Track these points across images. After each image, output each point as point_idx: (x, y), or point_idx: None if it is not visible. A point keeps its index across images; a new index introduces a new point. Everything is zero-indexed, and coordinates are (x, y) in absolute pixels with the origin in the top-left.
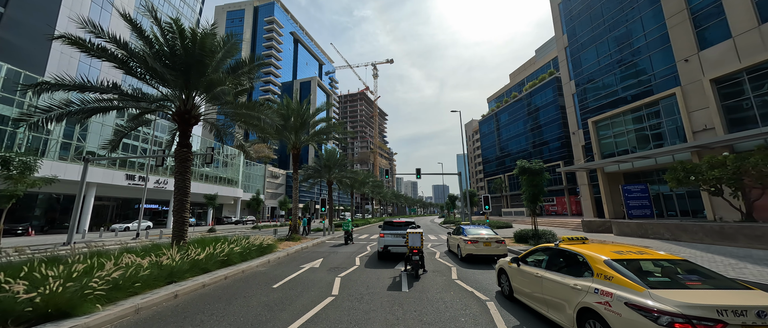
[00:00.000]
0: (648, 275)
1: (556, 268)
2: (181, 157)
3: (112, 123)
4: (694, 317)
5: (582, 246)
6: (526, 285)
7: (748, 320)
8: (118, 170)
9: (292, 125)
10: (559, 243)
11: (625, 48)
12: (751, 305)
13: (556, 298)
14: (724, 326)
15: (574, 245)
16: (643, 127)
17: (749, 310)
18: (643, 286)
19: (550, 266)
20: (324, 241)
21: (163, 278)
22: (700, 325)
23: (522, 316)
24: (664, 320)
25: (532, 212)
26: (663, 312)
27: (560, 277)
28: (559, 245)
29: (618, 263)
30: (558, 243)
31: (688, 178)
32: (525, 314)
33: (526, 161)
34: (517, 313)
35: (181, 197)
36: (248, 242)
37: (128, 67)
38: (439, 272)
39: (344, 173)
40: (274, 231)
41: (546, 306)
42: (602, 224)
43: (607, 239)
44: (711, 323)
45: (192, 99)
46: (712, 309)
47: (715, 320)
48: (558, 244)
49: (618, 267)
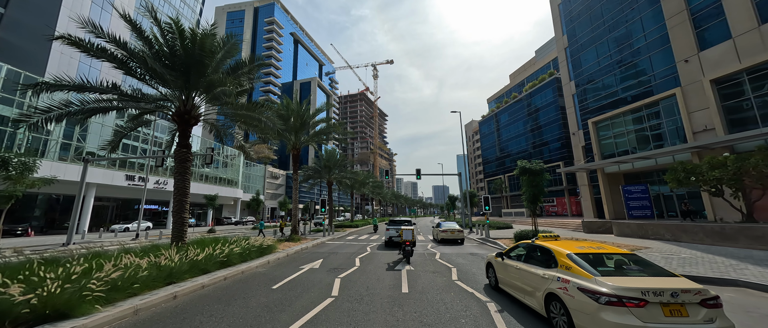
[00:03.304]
0: (600, 265)
1: (532, 261)
2: (181, 157)
3: (112, 124)
4: (624, 296)
5: (553, 242)
6: (508, 276)
7: (663, 299)
8: (118, 170)
9: (291, 126)
10: (535, 240)
11: (625, 48)
12: (666, 287)
13: (530, 286)
14: (646, 304)
15: (548, 241)
16: (643, 128)
17: (665, 292)
18: (593, 274)
19: (527, 259)
20: (324, 241)
21: (162, 279)
22: (629, 303)
23: (523, 318)
24: (602, 300)
25: (532, 212)
26: (602, 293)
27: (534, 268)
28: (534, 242)
29: (578, 256)
30: (534, 240)
31: (689, 178)
32: (527, 317)
33: (526, 162)
34: (519, 315)
35: (181, 198)
36: (248, 242)
37: (128, 67)
38: (439, 273)
39: (344, 174)
40: (273, 232)
41: (523, 294)
42: (602, 225)
43: (608, 240)
44: (636, 301)
45: (192, 99)
46: (638, 291)
47: (639, 299)
48: (534, 240)
49: (576, 259)
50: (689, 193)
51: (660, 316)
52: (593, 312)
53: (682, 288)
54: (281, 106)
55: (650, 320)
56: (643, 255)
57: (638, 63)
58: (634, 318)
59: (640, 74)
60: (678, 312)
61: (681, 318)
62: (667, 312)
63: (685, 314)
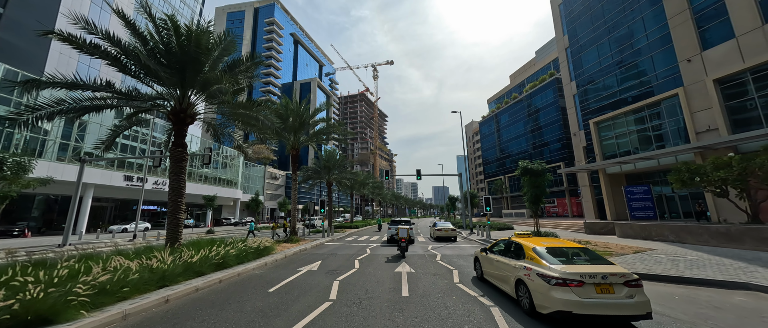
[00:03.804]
0: (556, 256)
1: (508, 254)
2: (176, 157)
3: (111, 123)
4: (567, 279)
5: (525, 239)
6: (490, 268)
7: (596, 281)
8: (116, 170)
9: (290, 126)
10: (511, 237)
11: (627, 48)
12: (599, 272)
13: (505, 274)
14: (583, 284)
15: (520, 238)
16: (645, 128)
17: (597, 275)
18: (549, 263)
19: (504, 253)
20: (323, 243)
21: (155, 282)
22: (570, 283)
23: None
24: (552, 282)
25: (534, 213)
26: (552, 277)
27: (509, 260)
28: (511, 239)
29: (541, 249)
30: (511, 237)
31: (693, 179)
32: (531, 320)
33: (528, 162)
34: (524, 320)
35: (176, 198)
36: (245, 244)
37: (122, 64)
38: (440, 276)
39: (344, 174)
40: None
41: (500, 281)
42: (604, 226)
43: (611, 242)
44: (575, 282)
45: (188, 98)
46: (578, 274)
47: (578, 280)
48: (511, 238)
49: (539, 251)
50: (692, 194)
51: (593, 293)
52: (546, 291)
53: (611, 272)
54: (280, 106)
55: (585, 296)
56: (648, 257)
57: (640, 63)
58: (574, 295)
59: (641, 74)
60: (607, 290)
61: (608, 295)
62: (598, 290)
63: (612, 291)
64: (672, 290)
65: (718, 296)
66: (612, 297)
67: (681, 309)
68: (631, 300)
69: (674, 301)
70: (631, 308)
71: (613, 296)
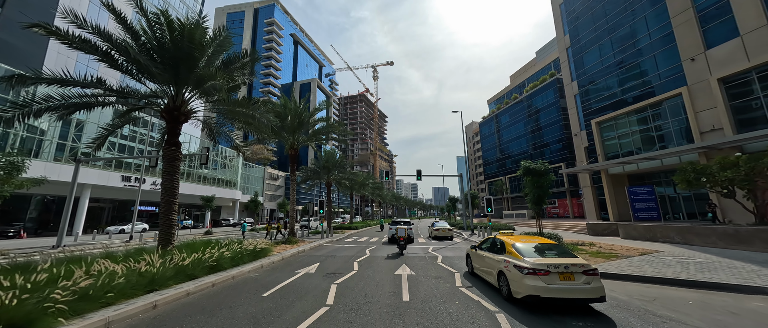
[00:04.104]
0: (531, 251)
1: (493, 250)
2: (169, 156)
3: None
4: (536, 268)
5: (507, 236)
6: (479, 263)
7: (560, 270)
8: (113, 171)
9: (289, 125)
10: (496, 235)
11: (629, 48)
12: (563, 263)
13: (490, 268)
14: (549, 273)
15: (505, 236)
16: (648, 128)
17: (561, 265)
18: (523, 256)
19: (490, 249)
20: (322, 244)
21: (143, 287)
22: (538, 272)
23: None
24: (525, 271)
25: (536, 214)
26: (524, 267)
27: (493, 255)
28: (496, 237)
29: (519, 245)
30: (495, 235)
31: (699, 179)
32: (508, 304)
33: (530, 162)
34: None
35: (169, 199)
36: (241, 245)
37: (113, 60)
38: (442, 279)
39: (343, 175)
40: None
41: (486, 274)
42: (607, 227)
43: (615, 243)
44: (543, 271)
45: (182, 95)
46: (544, 265)
47: (545, 270)
48: (495, 235)
49: (517, 246)
50: (696, 195)
51: (557, 280)
52: (519, 279)
53: (572, 263)
54: (278, 106)
55: (550, 283)
56: (655, 259)
57: (642, 62)
58: (541, 281)
59: (644, 74)
60: (568, 278)
61: (569, 282)
62: (561, 278)
63: (573, 279)
64: (684, 295)
65: (733, 302)
66: (572, 283)
67: (697, 316)
68: (588, 286)
69: (688, 307)
70: (588, 292)
71: (574, 282)
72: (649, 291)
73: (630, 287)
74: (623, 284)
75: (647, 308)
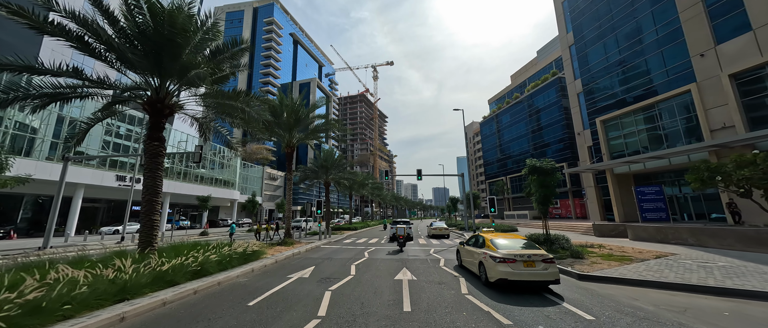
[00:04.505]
0: (504, 245)
1: (476, 245)
2: (152, 151)
3: (103, 122)
4: (506, 258)
5: (488, 234)
6: (465, 256)
7: (524, 259)
8: (108, 170)
9: (285, 122)
10: (479, 232)
11: (635, 44)
12: (526, 253)
13: (473, 259)
14: (515, 261)
15: (486, 233)
16: (655, 127)
17: (525, 255)
18: (497, 248)
19: (474, 244)
20: (319, 245)
21: (112, 296)
22: (507, 261)
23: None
24: (497, 260)
25: (542, 214)
26: (497, 257)
27: (476, 249)
28: (479, 234)
29: (495, 240)
30: (478, 232)
31: (713, 178)
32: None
33: (535, 160)
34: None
35: (151, 197)
36: (230, 248)
37: (90, 48)
38: (446, 285)
39: (342, 174)
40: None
41: (470, 264)
42: (614, 228)
43: (626, 245)
44: (510, 260)
45: (166, 87)
46: (512, 255)
47: (512, 259)
48: (478, 233)
49: (493, 241)
50: (704, 195)
51: (521, 267)
52: (493, 267)
53: (534, 254)
54: (274, 101)
55: (516, 269)
56: (673, 262)
57: (649, 59)
58: (509, 268)
59: (650, 71)
60: (531, 265)
61: (531, 268)
62: (525, 265)
63: (534, 265)
64: (716, 304)
65: None
66: (533, 269)
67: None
68: (546, 271)
69: (726, 319)
70: (546, 276)
71: (534, 268)
72: (676, 300)
73: (653, 294)
74: (645, 291)
75: (680, 322)
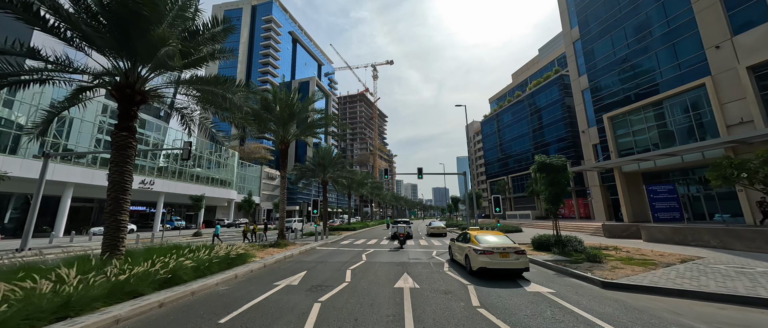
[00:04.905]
0: (485, 240)
1: (463, 241)
2: (120, 143)
3: (94, 119)
4: (484, 250)
5: (473, 231)
6: (455, 251)
7: (499, 250)
8: (98, 169)
9: (278, 116)
10: (467, 229)
11: (645, 37)
12: (501, 246)
13: (461, 252)
14: (492, 253)
15: (472, 230)
16: (666, 123)
17: (501, 247)
18: (479, 243)
19: (462, 240)
20: (314, 247)
21: (50, 314)
22: (485, 252)
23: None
24: (478, 252)
25: (552, 214)
26: (477, 250)
27: (464, 244)
28: (466, 232)
29: (478, 236)
30: (466, 229)
31: (737, 175)
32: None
33: (545, 156)
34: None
35: (117, 195)
36: (210, 252)
37: (45, 23)
38: (453, 294)
39: (340, 173)
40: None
41: (459, 258)
42: (626, 229)
43: (643, 247)
44: (488, 252)
45: (137, 71)
46: (490, 247)
47: (489, 251)
48: (466, 230)
49: (476, 237)
50: (719, 194)
51: (498, 258)
52: (475, 258)
53: (508, 246)
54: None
55: (493, 259)
56: (704, 267)
57: (659, 53)
58: (487, 258)
59: (661, 64)
60: (505, 255)
61: (506, 258)
62: (500, 256)
63: (508, 256)
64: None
65: None
66: (507, 259)
67: None
68: (518, 261)
69: None
70: (518, 264)
71: (508, 258)
72: (729, 315)
73: (698, 308)
74: (686, 303)
75: None
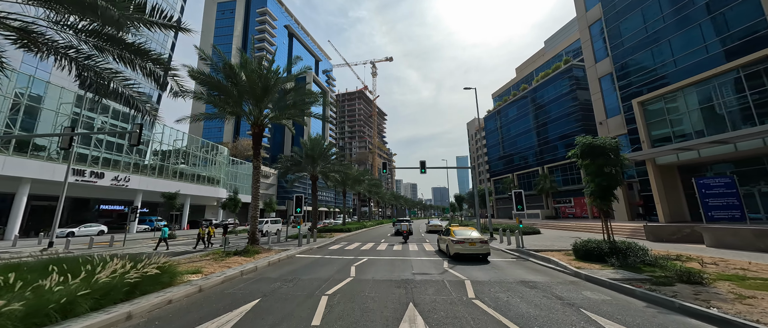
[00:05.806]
0: (460, 233)
1: (446, 235)
2: None
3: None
4: (458, 241)
5: (454, 227)
6: (441, 243)
7: (468, 240)
8: (61, 164)
9: (248, 90)
10: (448, 226)
11: (686, 5)
12: (470, 238)
13: (445, 243)
14: (464, 242)
15: (452, 226)
16: (713, 106)
17: (469, 239)
18: (456, 236)
19: (445, 234)
20: (293, 255)
21: None
22: (458, 242)
23: None
24: (454, 242)
25: (604, 212)
26: (453, 240)
27: (446, 237)
28: (448, 227)
29: (456, 230)
30: (448, 225)
31: None
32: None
33: (589, 137)
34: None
35: None
36: (128, 266)
37: None
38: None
39: (332, 166)
40: (204, 244)
41: (443, 247)
42: (677, 231)
43: (727, 256)
44: (461, 242)
45: None
46: (461, 239)
47: (461, 241)
48: (447, 226)
49: (455, 231)
50: None
51: (468, 246)
52: (452, 246)
53: (475, 238)
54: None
55: (464, 247)
56: None
57: (703, 23)
58: (460, 246)
59: (707, 37)
60: (472, 244)
61: (473, 246)
62: (470, 245)
63: (475, 245)
64: None
65: None
66: (474, 247)
67: None
68: (482, 247)
69: None
70: (482, 250)
71: (475, 246)
72: None
73: None
74: None
75: None
